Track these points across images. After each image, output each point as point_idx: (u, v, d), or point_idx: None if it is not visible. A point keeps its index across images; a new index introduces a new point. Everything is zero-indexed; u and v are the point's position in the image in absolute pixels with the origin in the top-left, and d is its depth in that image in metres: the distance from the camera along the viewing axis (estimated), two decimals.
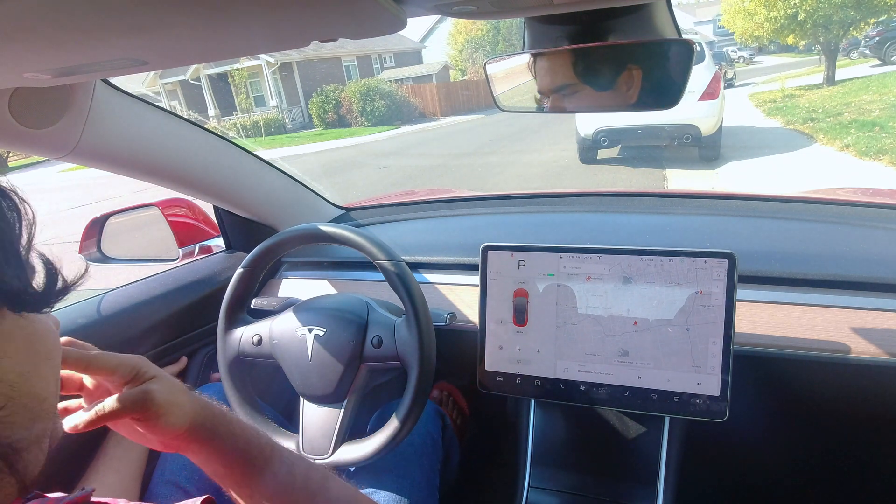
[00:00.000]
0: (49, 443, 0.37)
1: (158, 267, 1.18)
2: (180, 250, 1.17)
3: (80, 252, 1.18)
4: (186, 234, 1.20)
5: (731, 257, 0.76)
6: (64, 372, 0.42)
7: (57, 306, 0.39)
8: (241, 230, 1.22)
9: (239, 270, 0.92)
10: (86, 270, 0.39)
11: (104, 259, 1.18)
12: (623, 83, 0.61)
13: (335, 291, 1.13)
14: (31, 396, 0.34)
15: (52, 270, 0.35)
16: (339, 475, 0.47)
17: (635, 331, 0.81)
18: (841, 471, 1.15)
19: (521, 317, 0.87)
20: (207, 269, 1.18)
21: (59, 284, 0.35)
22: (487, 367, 0.90)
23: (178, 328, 1.10)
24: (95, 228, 1.19)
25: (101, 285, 1.07)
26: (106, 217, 1.20)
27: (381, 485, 0.85)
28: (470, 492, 1.33)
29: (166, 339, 1.08)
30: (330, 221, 1.26)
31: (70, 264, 0.44)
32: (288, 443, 0.87)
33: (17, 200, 0.34)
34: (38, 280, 0.34)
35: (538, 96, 0.67)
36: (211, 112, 19.67)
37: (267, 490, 0.48)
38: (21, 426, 0.33)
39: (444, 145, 11.35)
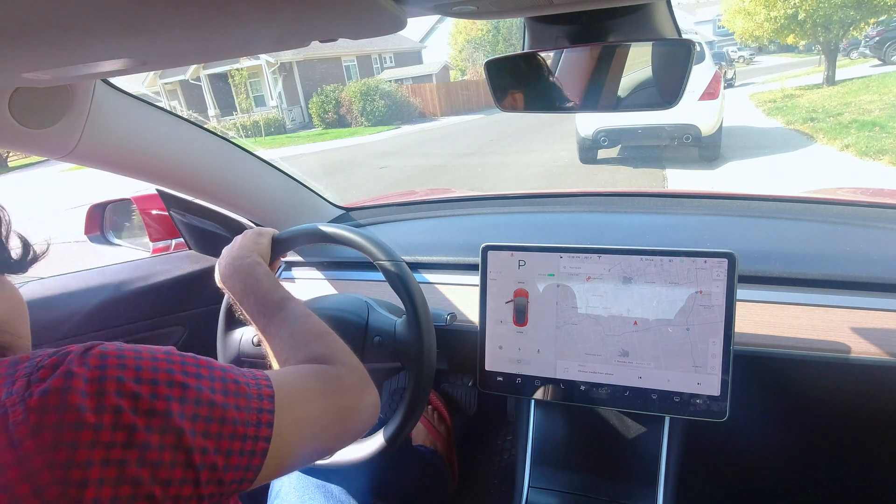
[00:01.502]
0: None
1: (137, 254, 1.29)
2: (151, 244, 1.25)
3: (85, 233, 1.30)
4: (165, 229, 1.25)
5: (731, 257, 0.76)
6: None
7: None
8: (200, 235, 1.25)
9: None
10: (47, 248, 0.51)
11: (106, 241, 1.30)
12: (623, 82, 0.61)
13: (335, 291, 1.13)
14: (11, 334, 0.46)
15: (27, 247, 0.48)
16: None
17: (635, 331, 0.81)
18: (841, 470, 1.15)
19: (521, 317, 0.87)
20: (168, 263, 1.23)
21: (31, 256, 0.49)
22: (487, 368, 0.90)
23: (133, 313, 1.15)
24: (97, 212, 1.28)
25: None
26: (105, 204, 1.30)
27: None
28: (470, 492, 1.33)
29: (113, 324, 1.13)
30: (330, 221, 1.26)
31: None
32: None
33: None
34: (18, 253, 0.48)
35: (538, 96, 0.67)
36: (211, 112, 19.67)
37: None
38: (6, 348, 0.46)
39: (444, 145, 11.35)
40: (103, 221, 1.29)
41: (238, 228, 1.18)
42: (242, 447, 0.43)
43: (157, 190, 1.12)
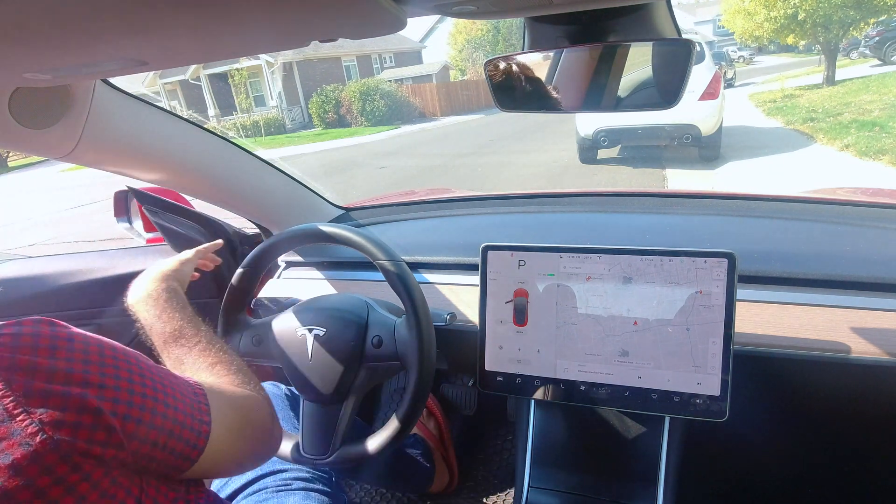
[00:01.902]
0: None
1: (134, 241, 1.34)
2: (146, 234, 1.29)
3: (114, 216, 1.35)
4: None
5: (731, 257, 0.76)
6: None
7: None
8: (171, 232, 1.26)
9: (238, 270, 0.92)
10: None
11: (130, 225, 1.34)
12: (623, 82, 0.61)
13: (335, 291, 1.13)
14: None
15: None
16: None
17: (635, 331, 0.81)
18: (841, 471, 1.15)
19: (521, 317, 0.87)
20: (139, 256, 1.26)
21: None
22: (487, 367, 0.90)
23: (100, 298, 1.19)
24: (122, 197, 1.31)
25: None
26: (127, 190, 1.34)
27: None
28: (470, 491, 1.33)
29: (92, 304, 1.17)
30: (330, 221, 1.26)
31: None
32: (288, 443, 0.88)
33: None
34: None
35: (538, 96, 0.67)
36: (211, 112, 19.67)
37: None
38: None
39: (444, 145, 11.35)
40: (128, 206, 1.34)
41: (212, 227, 1.19)
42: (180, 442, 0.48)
43: (128, 186, 1.13)
